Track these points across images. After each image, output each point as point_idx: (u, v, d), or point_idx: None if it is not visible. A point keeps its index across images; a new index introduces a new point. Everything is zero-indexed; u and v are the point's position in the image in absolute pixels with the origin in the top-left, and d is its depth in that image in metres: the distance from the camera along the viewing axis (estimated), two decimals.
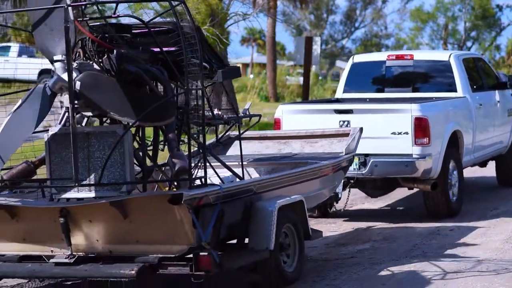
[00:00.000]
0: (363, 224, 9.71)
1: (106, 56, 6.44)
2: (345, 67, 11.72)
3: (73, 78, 6.14)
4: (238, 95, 32.10)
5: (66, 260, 6.25)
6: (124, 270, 6.03)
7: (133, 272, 5.99)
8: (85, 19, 6.57)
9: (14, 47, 35.46)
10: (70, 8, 6.08)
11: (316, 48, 26.66)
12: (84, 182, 6.18)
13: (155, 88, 6.53)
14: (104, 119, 6.74)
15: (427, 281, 6.78)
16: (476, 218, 9.92)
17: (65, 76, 6.23)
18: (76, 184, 6.06)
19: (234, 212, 6.48)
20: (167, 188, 6.76)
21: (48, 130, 6.56)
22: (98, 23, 6.64)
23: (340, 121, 9.69)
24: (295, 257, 6.94)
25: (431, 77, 11.24)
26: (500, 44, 65.28)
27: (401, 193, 11.68)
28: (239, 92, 35.78)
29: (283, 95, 39.60)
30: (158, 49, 6.57)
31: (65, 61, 6.14)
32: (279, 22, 48.06)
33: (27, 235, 6.49)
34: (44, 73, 33.74)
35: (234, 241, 6.73)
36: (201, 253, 6.01)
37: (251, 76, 48.40)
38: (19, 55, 34.22)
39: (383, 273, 7.12)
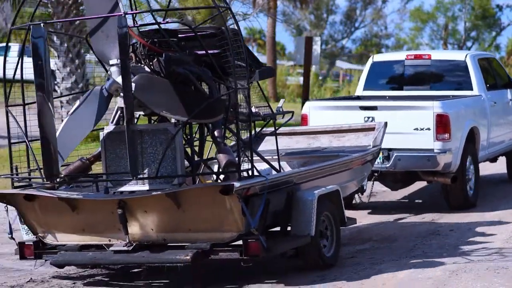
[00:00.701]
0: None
1: (156, 59, 6.96)
2: (364, 66, 12.38)
3: (125, 80, 6.49)
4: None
5: (125, 248, 6.74)
6: (179, 256, 6.52)
7: (188, 257, 6.47)
8: (136, 25, 7.07)
9: (14, 47, 35.44)
10: (125, 15, 6.54)
11: (316, 48, 26.64)
12: (139, 176, 6.59)
13: (201, 88, 7.05)
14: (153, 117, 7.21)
15: (427, 281, 6.78)
16: (476, 218, 9.93)
17: (119, 79, 6.68)
18: (134, 178, 6.50)
19: (277, 201, 6.95)
20: (210, 181, 7.36)
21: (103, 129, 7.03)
22: (147, 29, 7.14)
23: (364, 117, 10.19)
24: (332, 242, 7.47)
25: (447, 76, 11.68)
26: (500, 44, 65.36)
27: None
28: None
29: (283, 95, 39.62)
30: (201, 51, 7.05)
31: (120, 65, 6.55)
32: (279, 22, 48.01)
33: (86, 226, 6.95)
34: None
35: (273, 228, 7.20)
36: (249, 239, 6.50)
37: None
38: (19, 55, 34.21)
39: (383, 273, 7.12)
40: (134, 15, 7.28)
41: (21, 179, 7.20)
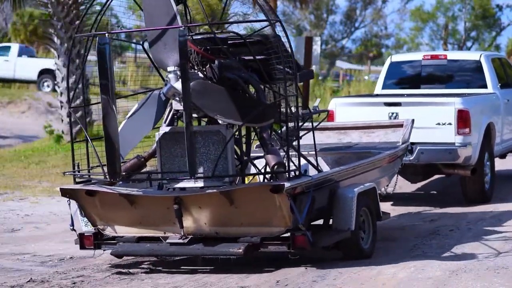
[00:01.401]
0: None
1: (208, 65, 7.53)
2: (383, 66, 12.94)
3: (185, 86, 7.01)
4: None
5: (181, 241, 7.31)
6: (233, 248, 7.10)
7: (240, 250, 7.06)
8: (191, 34, 7.57)
9: (14, 47, 35.41)
10: (181, 25, 7.14)
11: (316, 48, 26.62)
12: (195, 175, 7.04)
13: (250, 92, 7.59)
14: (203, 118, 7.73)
15: (427, 281, 6.78)
16: (476, 218, 9.94)
17: (176, 85, 7.28)
18: (193, 177, 6.99)
19: (321, 198, 7.50)
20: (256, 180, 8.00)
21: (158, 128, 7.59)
22: (199, 37, 7.71)
23: (389, 113, 10.75)
24: (369, 235, 8.00)
25: (463, 75, 12.26)
26: (500, 44, 65.29)
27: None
28: None
29: None
30: (247, 57, 7.60)
31: (177, 72, 7.24)
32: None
33: (143, 219, 7.51)
34: (44, 73, 33.87)
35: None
36: (297, 234, 7.06)
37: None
38: (19, 55, 34.17)
39: (383, 273, 7.12)
40: (189, 24, 7.81)
41: (82, 175, 7.86)
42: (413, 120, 9.72)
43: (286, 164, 7.24)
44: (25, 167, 15.45)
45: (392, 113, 10.74)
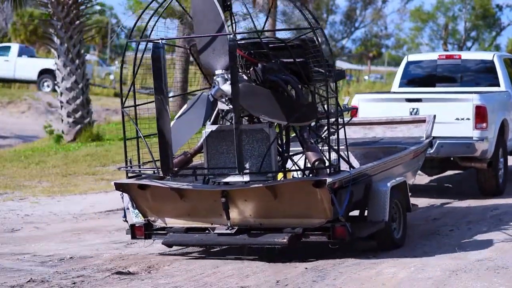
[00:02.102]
0: None
1: (252, 68, 8.07)
2: (400, 65, 13.53)
3: (227, 88, 7.65)
4: None
5: (228, 231, 7.80)
6: (277, 238, 7.61)
7: (285, 240, 7.56)
8: (236, 39, 7.87)
9: (14, 47, 35.41)
10: (228, 29, 7.79)
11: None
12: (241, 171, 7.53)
13: (291, 93, 8.06)
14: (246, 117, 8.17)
15: (427, 281, 6.78)
16: (476, 218, 9.94)
17: (224, 87, 7.81)
18: (241, 172, 7.54)
19: (357, 192, 7.99)
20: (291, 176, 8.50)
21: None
22: (243, 42, 8.24)
23: (410, 109, 11.32)
24: (400, 226, 8.50)
25: (476, 74, 12.83)
26: (500, 44, 65.27)
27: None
28: None
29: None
30: (285, 60, 8.11)
31: (225, 75, 7.81)
32: (279, 22, 47.94)
33: (192, 211, 8.02)
34: (44, 73, 33.87)
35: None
36: (337, 225, 7.56)
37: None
38: (19, 55, 34.17)
39: (383, 273, 7.12)
40: (234, 30, 8.43)
41: (136, 170, 8.37)
42: (435, 116, 10.23)
43: (327, 160, 7.77)
44: (25, 167, 15.45)
45: (413, 109, 11.29)
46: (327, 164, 7.76)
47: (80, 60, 19.14)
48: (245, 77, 8.03)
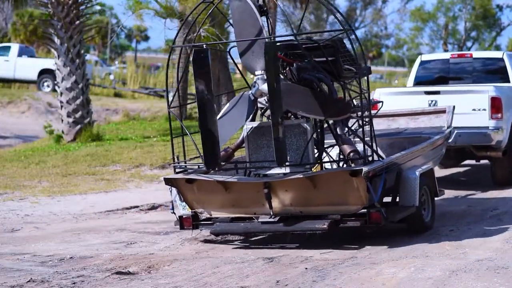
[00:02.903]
0: None
1: (288, 68, 8.72)
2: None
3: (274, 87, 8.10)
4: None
5: (271, 220, 8.42)
6: (318, 225, 8.21)
7: (325, 226, 8.16)
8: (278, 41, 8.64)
9: (14, 47, 35.41)
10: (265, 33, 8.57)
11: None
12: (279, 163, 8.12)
13: (324, 90, 8.68)
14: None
15: (427, 281, 6.77)
16: (476, 218, 9.94)
17: (263, 86, 8.45)
18: (283, 166, 8.17)
19: (390, 179, 8.61)
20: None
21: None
22: (279, 44, 8.76)
23: (428, 101, 12.07)
24: (429, 210, 9.19)
25: (487, 71, 13.55)
26: (500, 44, 65.26)
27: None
28: (238, 92, 35.77)
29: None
30: (318, 59, 8.72)
31: (264, 75, 8.45)
32: (279, 22, 47.92)
33: (236, 202, 8.65)
34: (44, 73, 33.86)
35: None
36: (372, 211, 8.19)
37: (251, 76, 48.33)
38: (19, 55, 34.17)
39: (383, 273, 7.12)
40: (273, 34, 9.13)
41: (181, 166, 9.04)
42: (454, 107, 10.86)
43: (362, 151, 8.40)
44: (25, 167, 15.45)
45: (432, 101, 12.07)
46: (360, 155, 8.45)
47: (80, 60, 19.13)
48: (281, 76, 8.53)
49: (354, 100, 8.86)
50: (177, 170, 9.02)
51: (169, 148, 17.13)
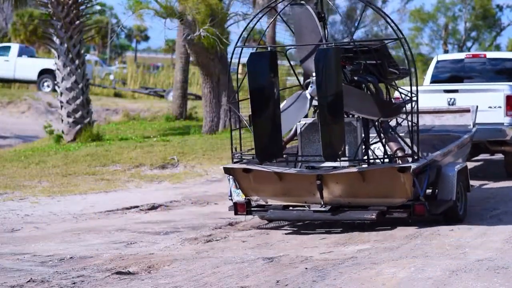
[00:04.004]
0: None
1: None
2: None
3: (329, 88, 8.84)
4: None
5: (323, 209, 9.22)
6: (367, 215, 9.03)
7: (373, 216, 8.98)
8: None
9: (14, 47, 35.40)
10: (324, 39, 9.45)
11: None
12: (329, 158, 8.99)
13: (372, 91, 9.57)
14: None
15: (427, 281, 6.77)
16: (476, 218, 9.95)
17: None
18: (338, 160, 9.02)
19: (432, 175, 9.36)
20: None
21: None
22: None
23: (447, 99, 12.87)
24: (463, 203, 9.89)
25: (500, 71, 14.18)
26: (500, 44, 65.21)
27: None
28: None
29: (283, 95, 39.43)
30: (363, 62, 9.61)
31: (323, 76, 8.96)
32: (279, 22, 47.88)
33: (288, 191, 9.38)
34: (44, 73, 33.87)
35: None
36: (416, 203, 9.00)
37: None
38: (19, 55, 34.16)
39: (383, 273, 7.12)
40: (327, 38, 9.89)
41: (244, 157, 9.86)
42: (477, 106, 11.67)
43: (409, 149, 9.21)
44: (25, 167, 15.45)
45: (451, 99, 12.84)
46: (405, 152, 9.31)
47: (80, 60, 19.13)
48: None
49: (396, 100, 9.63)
50: (235, 160, 9.76)
51: (168, 148, 17.15)
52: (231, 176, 9.69)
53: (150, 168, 15.54)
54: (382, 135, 9.60)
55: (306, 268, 7.35)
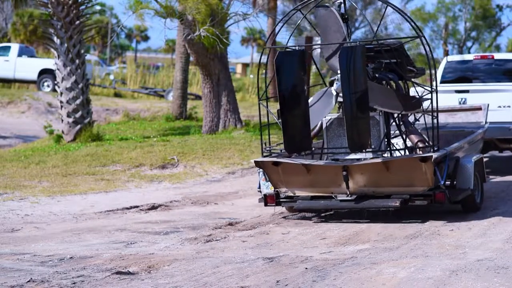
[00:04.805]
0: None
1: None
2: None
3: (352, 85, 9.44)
4: (238, 94, 32.08)
5: (349, 198, 9.80)
6: (391, 203, 9.62)
7: (397, 204, 9.57)
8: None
9: (14, 47, 35.39)
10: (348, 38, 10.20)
11: (317, 48, 26.63)
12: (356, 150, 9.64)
13: (393, 87, 10.29)
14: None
15: (427, 281, 6.77)
16: (476, 218, 9.95)
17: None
18: (363, 151, 9.69)
19: (450, 165, 9.97)
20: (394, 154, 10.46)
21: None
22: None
23: (459, 98, 13.61)
24: (479, 192, 10.56)
25: (507, 71, 14.58)
26: (500, 44, 65.25)
27: None
28: (238, 92, 35.76)
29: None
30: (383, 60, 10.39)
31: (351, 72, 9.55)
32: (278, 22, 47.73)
33: (315, 182, 9.93)
34: (44, 73, 33.86)
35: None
36: (437, 191, 9.59)
37: (251, 76, 48.35)
38: (19, 55, 34.16)
39: (383, 273, 7.12)
40: (350, 37, 10.52)
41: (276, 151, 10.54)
42: (488, 105, 12.35)
43: (430, 140, 9.88)
44: (25, 167, 15.45)
45: (462, 99, 13.56)
46: (425, 144, 9.88)
47: (80, 60, 19.12)
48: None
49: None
50: (264, 154, 10.30)
51: (168, 148, 17.15)
52: (260, 170, 10.20)
53: (150, 168, 15.54)
54: (402, 128, 10.26)
55: (306, 268, 7.35)
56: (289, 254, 8.02)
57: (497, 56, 15.22)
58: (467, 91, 13.61)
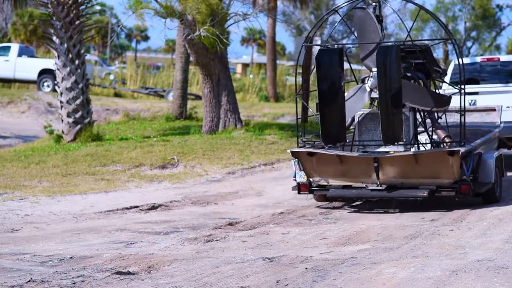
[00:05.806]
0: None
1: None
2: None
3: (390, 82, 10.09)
4: (238, 94, 32.09)
5: (379, 188, 10.51)
6: (419, 193, 10.33)
7: (425, 194, 10.29)
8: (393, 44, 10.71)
9: (14, 47, 35.39)
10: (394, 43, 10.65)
11: (317, 48, 26.63)
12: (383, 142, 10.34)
13: (422, 85, 10.97)
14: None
15: (427, 281, 6.77)
16: (476, 218, 9.94)
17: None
18: (397, 144, 10.46)
19: (475, 159, 10.67)
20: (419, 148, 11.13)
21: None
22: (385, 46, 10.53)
23: (469, 100, 14.10)
24: (498, 186, 11.27)
25: None
26: (500, 44, 65.27)
27: None
28: (238, 92, 35.77)
29: (283, 95, 39.48)
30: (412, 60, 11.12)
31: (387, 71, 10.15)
32: (279, 22, 47.95)
33: (347, 172, 10.62)
34: (44, 73, 33.85)
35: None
36: (462, 184, 10.33)
37: (251, 76, 48.37)
38: (19, 55, 34.15)
39: (383, 273, 7.11)
40: (384, 38, 11.29)
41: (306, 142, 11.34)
42: (502, 106, 13.20)
43: (456, 136, 10.60)
44: (25, 167, 15.45)
45: (472, 100, 14.24)
46: (452, 139, 10.57)
47: (80, 60, 19.12)
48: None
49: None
50: (300, 144, 11.09)
51: (168, 148, 17.15)
52: (296, 159, 10.88)
53: (150, 168, 15.54)
54: (428, 124, 10.93)
55: (306, 268, 7.35)
56: (289, 254, 8.02)
57: (503, 58, 15.71)
58: (476, 93, 14.31)
